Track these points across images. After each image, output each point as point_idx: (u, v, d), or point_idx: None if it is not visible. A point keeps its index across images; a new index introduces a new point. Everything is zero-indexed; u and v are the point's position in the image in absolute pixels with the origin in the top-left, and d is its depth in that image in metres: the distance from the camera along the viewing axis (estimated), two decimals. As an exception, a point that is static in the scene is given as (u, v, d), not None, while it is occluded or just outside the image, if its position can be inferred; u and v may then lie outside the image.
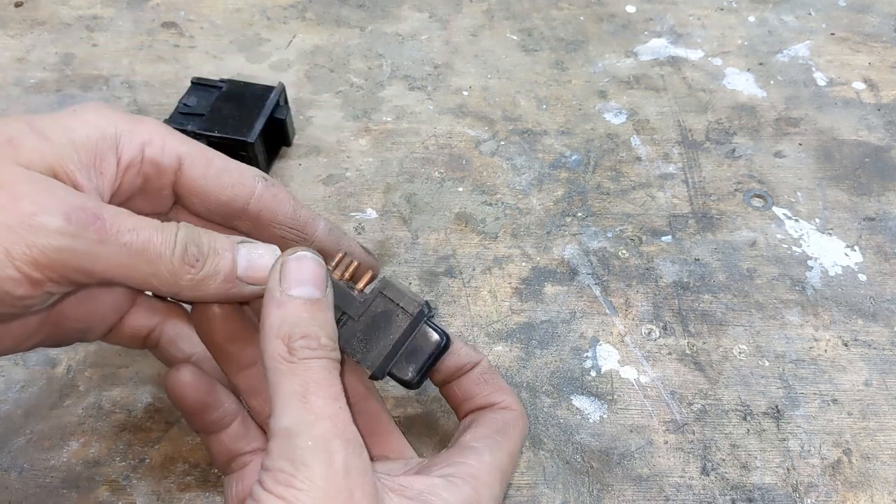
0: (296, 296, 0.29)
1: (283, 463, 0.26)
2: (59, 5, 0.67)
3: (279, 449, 0.26)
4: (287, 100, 0.55)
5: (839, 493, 0.39)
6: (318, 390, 0.27)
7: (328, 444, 0.26)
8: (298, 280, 0.29)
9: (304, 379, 0.28)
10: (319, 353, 0.29)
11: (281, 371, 0.28)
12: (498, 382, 0.36)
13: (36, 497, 0.39)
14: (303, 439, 0.26)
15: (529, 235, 0.51)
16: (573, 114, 0.59)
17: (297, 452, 0.26)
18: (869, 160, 0.56)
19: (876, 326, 0.46)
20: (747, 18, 0.67)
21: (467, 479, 0.30)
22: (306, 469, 0.26)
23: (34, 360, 0.44)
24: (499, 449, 0.32)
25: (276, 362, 0.28)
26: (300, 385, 0.27)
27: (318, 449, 0.26)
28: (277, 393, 0.28)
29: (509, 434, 0.33)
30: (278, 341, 0.28)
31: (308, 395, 0.27)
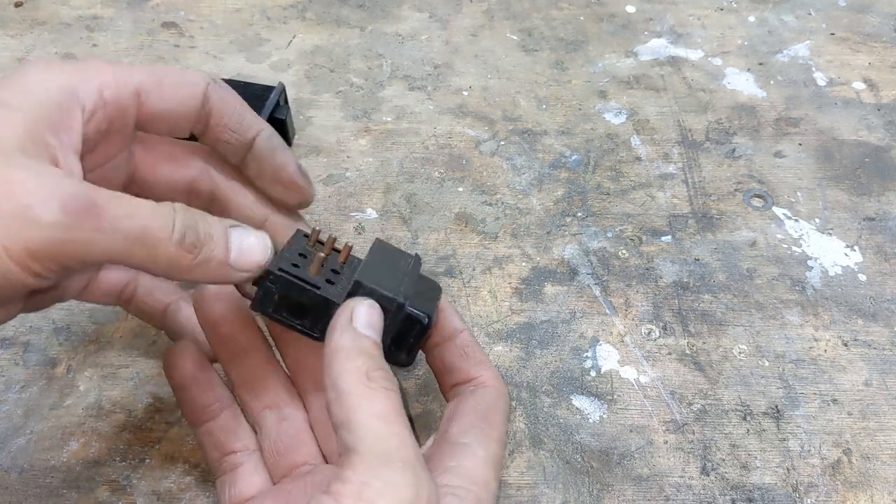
0: (367, 335, 0.30)
1: (373, 480, 0.26)
2: (59, 5, 0.67)
3: (367, 466, 0.26)
4: (287, 100, 0.55)
5: (839, 493, 0.39)
6: (398, 418, 0.28)
7: (414, 468, 0.27)
8: (368, 323, 0.31)
9: (385, 405, 0.28)
10: (394, 387, 0.29)
11: (361, 395, 0.28)
12: (478, 356, 0.35)
13: (36, 497, 0.39)
14: (394, 460, 0.27)
15: (529, 235, 0.51)
16: (573, 114, 0.59)
17: (386, 472, 0.26)
18: (869, 160, 0.56)
19: (876, 326, 0.46)
20: (747, 18, 0.67)
21: (465, 483, 0.30)
22: (395, 489, 0.26)
23: (34, 360, 0.44)
24: (488, 439, 0.32)
25: (355, 382, 0.28)
26: (382, 409, 0.28)
27: (408, 472, 0.26)
28: (357, 410, 0.28)
29: (494, 419, 0.33)
30: (357, 364, 0.29)
31: (391, 421, 0.28)
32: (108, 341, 0.45)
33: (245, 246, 0.31)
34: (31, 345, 0.45)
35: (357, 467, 0.26)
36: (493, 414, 0.33)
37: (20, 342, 0.45)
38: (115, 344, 0.45)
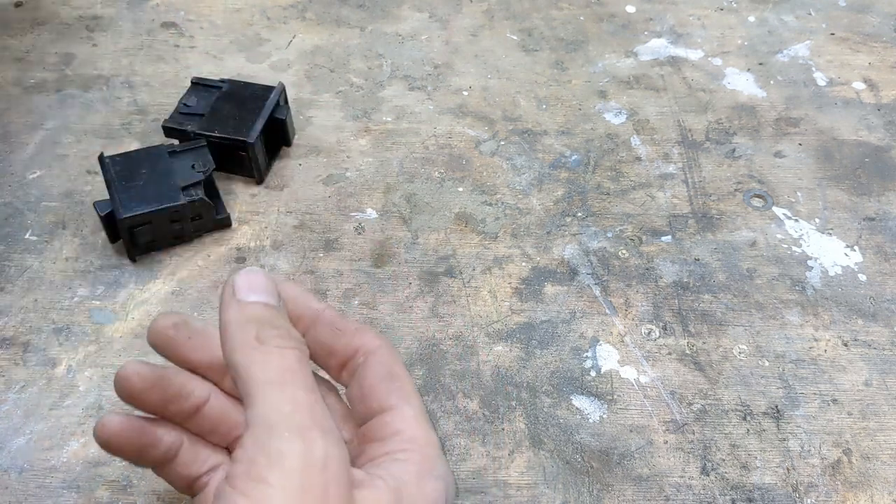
0: (253, 300, 0.29)
1: (259, 455, 0.24)
2: (59, 5, 0.67)
3: (254, 440, 0.25)
4: (287, 100, 0.55)
5: (839, 493, 0.39)
6: (293, 379, 0.26)
7: (307, 433, 0.25)
8: (250, 288, 0.29)
9: (279, 366, 0.26)
10: (292, 343, 0.28)
11: (252, 360, 0.26)
12: (350, 326, 0.33)
13: (36, 497, 0.39)
14: (279, 429, 0.25)
15: (529, 235, 0.51)
16: (573, 114, 0.59)
17: (274, 443, 0.24)
18: (869, 160, 0.56)
19: (876, 326, 0.46)
20: (747, 18, 0.67)
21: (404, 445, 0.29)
22: (281, 461, 0.24)
23: (34, 360, 0.44)
24: (406, 395, 0.31)
25: (244, 352, 0.27)
26: (274, 373, 0.26)
27: (295, 440, 0.24)
28: (251, 382, 0.26)
29: (400, 373, 0.32)
30: (245, 330, 0.27)
31: (285, 384, 0.26)
32: (108, 341, 0.45)
33: None
34: (31, 345, 0.45)
35: (246, 444, 0.25)
36: (396, 370, 0.32)
37: (20, 342, 0.45)
38: (115, 344, 0.45)
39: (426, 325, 0.46)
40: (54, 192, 0.53)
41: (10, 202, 0.52)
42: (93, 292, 0.47)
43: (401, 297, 0.47)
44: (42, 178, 0.54)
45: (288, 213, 0.52)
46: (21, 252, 0.49)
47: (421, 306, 0.47)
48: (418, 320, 0.46)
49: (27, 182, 0.53)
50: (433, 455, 0.29)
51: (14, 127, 0.57)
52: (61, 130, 0.57)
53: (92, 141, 0.56)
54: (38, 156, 0.55)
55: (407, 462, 0.28)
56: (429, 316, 0.47)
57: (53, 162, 0.55)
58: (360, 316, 0.47)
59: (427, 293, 0.48)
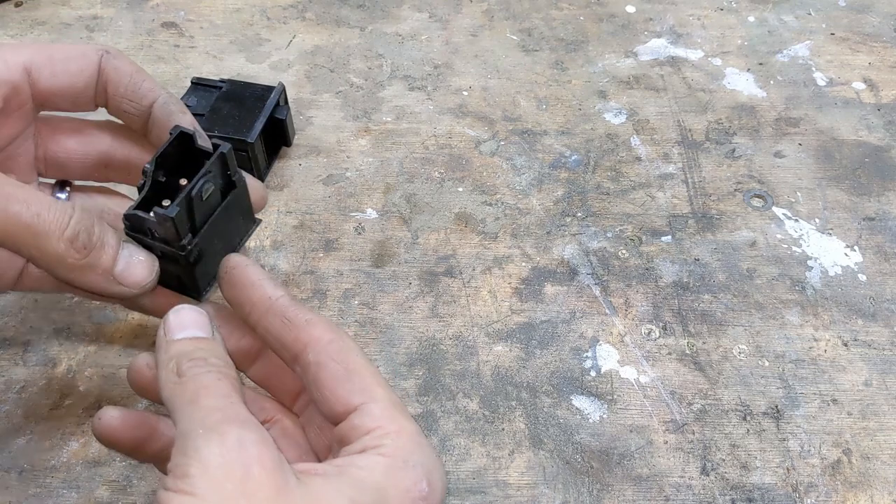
0: (180, 338, 0.30)
1: (179, 458, 0.25)
2: (59, 5, 0.67)
3: (175, 449, 0.26)
4: (287, 100, 0.55)
5: (839, 493, 0.39)
6: (207, 393, 0.28)
7: (218, 427, 0.26)
8: (179, 326, 0.30)
9: (194, 388, 0.28)
10: (207, 368, 0.29)
11: (174, 393, 0.28)
12: (300, 317, 0.31)
13: (36, 497, 0.39)
14: (194, 431, 0.26)
15: (529, 235, 0.51)
16: (573, 114, 0.59)
17: (190, 444, 0.25)
18: (869, 160, 0.56)
19: (876, 326, 0.46)
20: (747, 18, 0.67)
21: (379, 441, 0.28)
22: (198, 454, 0.25)
23: (34, 360, 0.44)
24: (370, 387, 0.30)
25: (168, 388, 0.28)
26: (190, 393, 0.28)
27: (208, 434, 0.26)
28: (173, 411, 0.28)
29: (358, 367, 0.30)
30: (168, 371, 0.29)
31: (198, 399, 0.27)
32: (108, 341, 0.45)
33: (134, 262, 0.32)
34: (31, 345, 0.45)
35: (172, 457, 0.26)
36: (354, 363, 0.30)
37: (20, 342, 0.45)
38: (115, 344, 0.45)
39: (426, 325, 0.46)
40: (54, 192, 0.53)
41: (10, 202, 0.52)
42: (93, 292, 0.47)
43: (401, 297, 0.47)
44: (42, 178, 0.54)
45: (288, 213, 0.52)
46: (21, 252, 0.49)
47: (421, 306, 0.47)
48: (418, 320, 0.46)
49: (27, 182, 0.53)
50: (407, 444, 0.29)
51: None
52: (61, 130, 0.57)
53: (92, 141, 0.56)
54: (38, 156, 0.55)
55: (379, 455, 0.28)
56: (429, 316, 0.47)
57: (53, 162, 0.55)
58: (360, 316, 0.47)
59: (427, 293, 0.48)
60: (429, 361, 0.45)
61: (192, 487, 0.24)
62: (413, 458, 0.28)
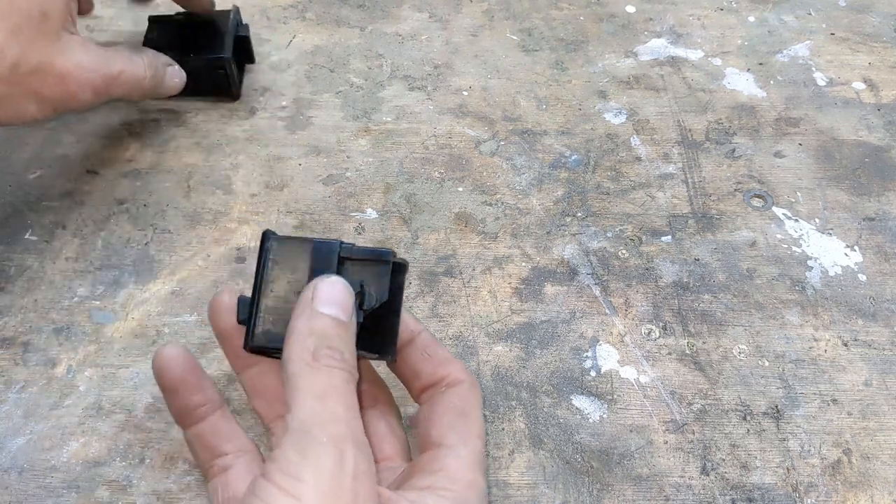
0: (325, 312, 0.30)
1: (294, 454, 0.26)
2: (59, 5, 0.67)
3: (292, 440, 0.27)
4: (242, 20, 0.60)
5: (839, 493, 0.39)
6: (336, 395, 0.28)
7: (341, 443, 0.27)
8: (329, 300, 0.31)
9: (325, 383, 0.28)
10: (342, 365, 0.29)
11: (302, 374, 0.29)
12: (442, 354, 0.35)
13: (36, 497, 0.39)
14: (317, 435, 0.27)
15: (529, 235, 0.51)
16: (573, 114, 0.59)
17: (311, 447, 0.26)
18: (869, 160, 0.56)
19: (876, 326, 0.46)
20: (747, 18, 0.67)
21: (448, 484, 0.30)
22: (317, 463, 0.26)
23: (34, 360, 0.44)
24: (468, 436, 0.32)
25: (300, 363, 0.29)
26: (321, 387, 0.28)
27: (330, 447, 0.26)
28: (297, 392, 0.28)
29: (471, 414, 0.33)
30: (305, 346, 0.29)
31: (327, 398, 0.28)
32: (108, 341, 0.45)
33: (175, 79, 0.53)
34: (31, 345, 0.45)
35: (284, 445, 0.27)
36: (470, 409, 0.33)
37: (20, 342, 0.45)
38: (115, 344, 0.45)
39: (426, 325, 0.46)
40: (54, 192, 0.53)
41: (10, 202, 0.52)
42: (93, 292, 0.48)
43: (401, 297, 0.47)
44: (42, 178, 0.54)
45: (288, 213, 0.52)
46: (21, 252, 0.49)
47: (421, 306, 0.47)
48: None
49: (27, 182, 0.54)
50: (472, 499, 0.30)
51: (14, 127, 0.57)
52: (61, 130, 0.57)
53: (92, 141, 0.56)
54: (38, 156, 0.55)
55: (442, 499, 0.30)
56: (429, 316, 0.47)
57: (53, 162, 0.55)
58: (360, 316, 0.47)
59: (427, 293, 0.48)
60: (429, 361, 0.45)
61: (299, 493, 0.25)
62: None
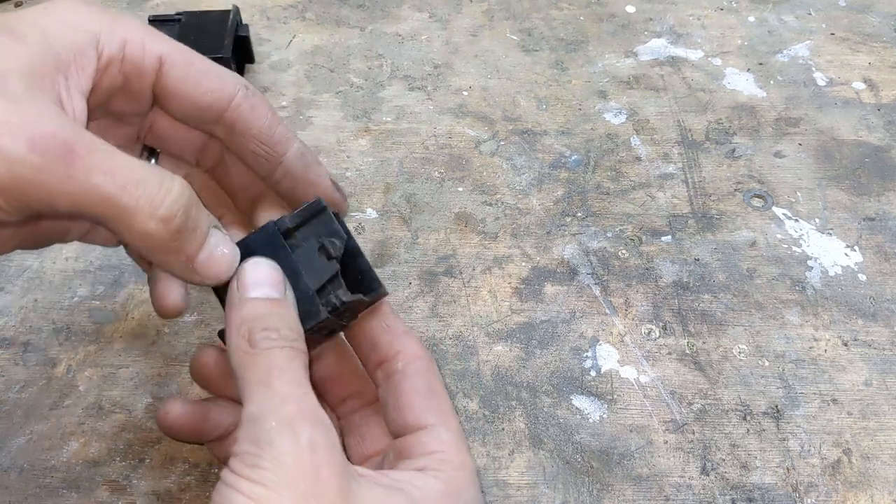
0: (253, 297, 0.30)
1: (249, 445, 0.26)
2: (59, 5, 0.67)
3: (245, 433, 0.27)
4: (242, 20, 0.60)
5: (839, 493, 0.39)
6: (280, 375, 0.28)
7: (293, 423, 0.26)
8: (255, 283, 0.30)
9: (267, 366, 0.28)
10: (280, 342, 0.29)
11: (244, 364, 0.28)
12: (399, 327, 0.34)
13: (36, 497, 0.39)
14: (267, 421, 0.26)
15: (529, 235, 0.51)
16: (573, 114, 0.59)
17: (263, 434, 0.26)
18: (869, 160, 0.56)
19: (876, 326, 0.46)
20: (747, 18, 0.67)
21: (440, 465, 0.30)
22: (271, 448, 0.26)
23: (34, 360, 0.44)
24: (446, 414, 0.32)
25: (238, 356, 0.29)
26: (263, 373, 0.28)
27: (282, 429, 0.26)
28: (243, 384, 0.28)
29: (439, 391, 0.33)
30: (240, 334, 0.29)
31: (271, 381, 0.27)
32: (108, 341, 0.45)
33: (217, 254, 0.30)
34: (31, 345, 0.45)
35: (239, 438, 0.26)
36: (437, 386, 0.33)
37: (20, 342, 0.45)
38: (115, 344, 0.45)
39: (426, 324, 0.46)
40: (54, 192, 0.53)
41: (10, 202, 0.52)
42: (93, 292, 0.47)
43: (401, 297, 0.47)
44: (42, 178, 0.54)
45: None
46: (21, 252, 0.49)
47: (421, 306, 0.47)
48: (418, 320, 0.46)
49: (27, 182, 0.53)
50: (465, 479, 0.30)
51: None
52: (61, 130, 0.57)
53: (92, 141, 0.56)
54: (38, 156, 0.55)
55: (435, 479, 0.29)
56: (429, 316, 0.47)
57: (53, 162, 0.55)
58: (360, 316, 0.47)
59: (427, 293, 0.48)
60: (429, 361, 0.45)
61: (262, 479, 0.25)
62: (466, 494, 0.30)
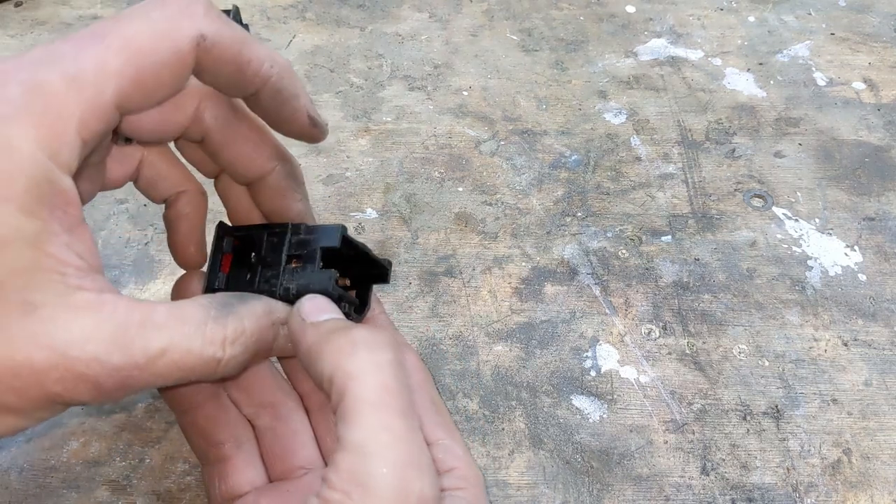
0: (324, 319, 0.29)
1: (354, 487, 0.24)
2: (59, 5, 0.67)
3: (350, 467, 0.25)
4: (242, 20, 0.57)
5: (839, 493, 0.39)
6: (392, 402, 0.26)
7: (404, 472, 0.25)
8: (318, 310, 0.29)
9: (377, 385, 0.26)
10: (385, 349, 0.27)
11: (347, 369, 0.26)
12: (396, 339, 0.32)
13: (36, 497, 0.39)
14: (377, 464, 0.25)
15: (529, 235, 0.51)
16: (573, 114, 0.59)
17: (371, 479, 0.24)
18: (869, 160, 0.56)
19: (876, 326, 0.46)
20: (747, 18, 0.67)
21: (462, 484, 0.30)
22: (379, 500, 0.24)
23: (34, 360, 0.44)
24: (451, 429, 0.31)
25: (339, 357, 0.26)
26: (373, 392, 0.25)
27: (393, 478, 0.24)
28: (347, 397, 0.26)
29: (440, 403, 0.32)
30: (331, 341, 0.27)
31: (382, 407, 0.25)
32: (108, 341, 0.45)
33: None
34: (31, 345, 0.45)
35: (340, 468, 0.25)
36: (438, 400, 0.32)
37: (20, 342, 0.45)
38: (115, 344, 0.45)
39: (426, 324, 0.46)
40: (54, 192, 0.53)
41: (10, 202, 0.52)
42: (93, 292, 0.47)
43: (401, 297, 0.47)
44: (42, 178, 0.54)
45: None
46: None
47: (421, 306, 0.47)
48: (418, 320, 0.46)
49: (27, 182, 0.53)
50: (480, 496, 0.30)
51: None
52: (61, 130, 0.57)
53: (92, 141, 0.56)
54: (38, 156, 0.55)
55: (462, 500, 0.29)
56: (429, 316, 0.47)
57: (53, 162, 0.55)
58: (360, 316, 0.47)
59: (427, 293, 0.48)
60: (429, 361, 0.45)
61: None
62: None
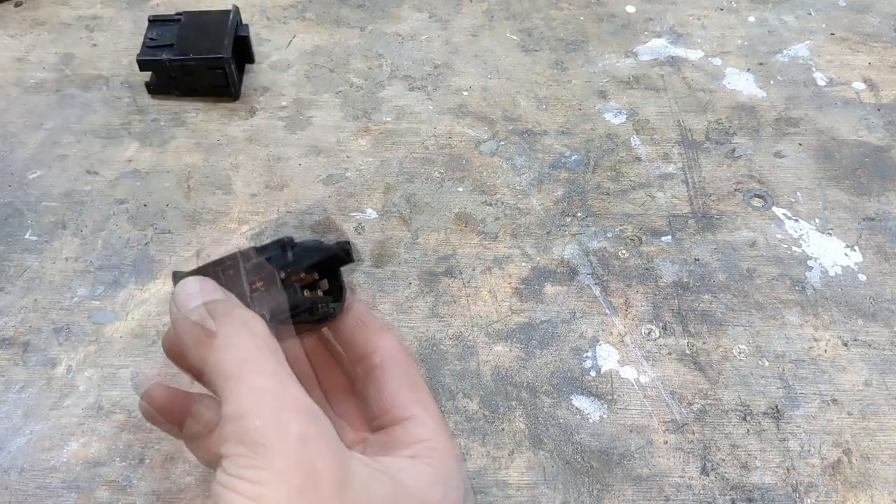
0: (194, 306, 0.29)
1: (238, 447, 0.26)
2: (58, 5, 0.67)
3: (231, 433, 0.26)
4: (242, 20, 0.60)
5: (839, 493, 0.39)
6: (252, 367, 0.27)
7: (278, 418, 0.26)
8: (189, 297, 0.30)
9: (233, 359, 0.27)
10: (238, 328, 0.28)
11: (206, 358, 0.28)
12: (375, 323, 0.34)
13: (36, 497, 0.39)
14: (251, 420, 0.26)
15: (529, 235, 0.51)
16: (573, 114, 0.59)
17: (249, 434, 0.26)
18: (869, 160, 0.56)
19: (876, 326, 0.46)
20: (747, 18, 0.67)
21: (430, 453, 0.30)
22: (263, 448, 0.25)
23: (34, 360, 0.44)
24: (429, 404, 0.32)
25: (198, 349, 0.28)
26: (232, 366, 0.27)
27: (268, 426, 0.26)
28: (213, 380, 0.28)
29: (420, 383, 0.33)
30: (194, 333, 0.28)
31: (243, 375, 0.27)
32: (108, 341, 0.45)
33: None
34: (31, 345, 0.45)
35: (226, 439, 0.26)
36: (416, 378, 0.33)
37: (20, 342, 0.45)
38: (115, 344, 0.45)
39: (426, 325, 0.46)
40: (54, 192, 0.53)
41: (10, 202, 0.52)
42: (92, 292, 0.47)
43: (401, 297, 0.47)
44: (42, 178, 0.54)
45: (288, 212, 0.52)
46: (21, 252, 0.49)
47: (421, 306, 0.47)
48: (418, 320, 0.46)
49: (27, 182, 0.53)
50: (453, 465, 0.30)
51: (14, 127, 0.57)
52: (61, 130, 0.57)
53: (92, 141, 0.56)
54: (38, 156, 0.55)
55: (427, 466, 0.30)
56: (429, 316, 0.47)
57: (53, 162, 0.55)
58: (360, 316, 0.47)
59: (427, 293, 0.48)
60: (429, 361, 0.45)
61: (258, 478, 0.25)
62: (455, 479, 0.30)
